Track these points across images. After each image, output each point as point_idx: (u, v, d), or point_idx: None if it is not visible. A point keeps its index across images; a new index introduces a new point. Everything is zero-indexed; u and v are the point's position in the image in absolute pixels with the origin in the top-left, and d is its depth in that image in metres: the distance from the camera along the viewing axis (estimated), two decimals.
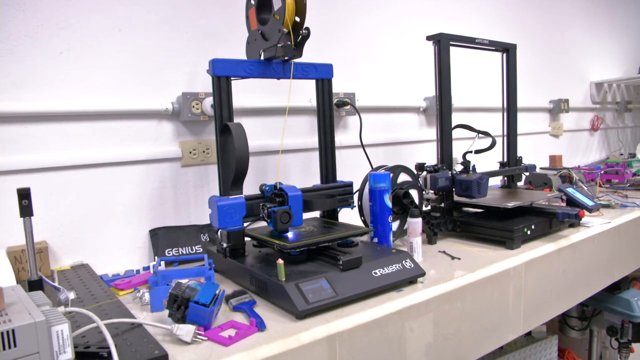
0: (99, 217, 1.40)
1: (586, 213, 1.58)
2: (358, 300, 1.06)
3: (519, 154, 1.90)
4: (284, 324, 0.97)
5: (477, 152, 1.63)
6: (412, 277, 1.16)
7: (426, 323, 1.11)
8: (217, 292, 0.97)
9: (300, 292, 1.00)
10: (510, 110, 1.87)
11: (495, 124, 2.00)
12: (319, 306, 0.99)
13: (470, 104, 2.40)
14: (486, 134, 1.68)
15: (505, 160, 1.88)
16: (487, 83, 2.40)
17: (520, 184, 2.04)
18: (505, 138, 1.89)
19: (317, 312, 1.00)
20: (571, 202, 1.66)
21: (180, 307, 0.93)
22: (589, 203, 1.64)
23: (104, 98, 1.39)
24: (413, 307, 1.08)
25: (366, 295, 1.07)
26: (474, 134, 1.68)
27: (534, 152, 2.83)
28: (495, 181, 1.95)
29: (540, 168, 2.47)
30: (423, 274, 1.18)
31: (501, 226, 1.47)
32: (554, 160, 2.73)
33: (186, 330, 0.90)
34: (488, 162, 1.89)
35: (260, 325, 0.95)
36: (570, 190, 1.70)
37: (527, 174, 2.03)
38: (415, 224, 1.34)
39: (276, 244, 1.18)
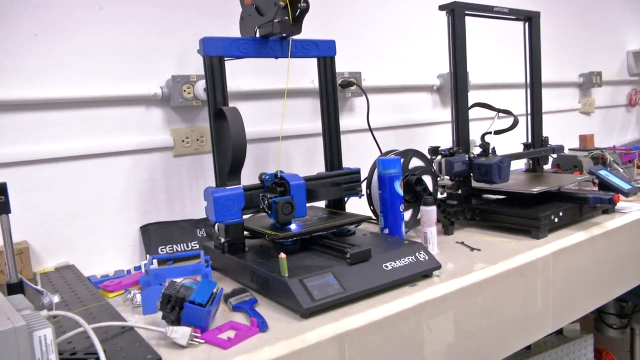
0: (85, 214, 1.42)
1: (622, 197, 1.57)
2: (368, 297, 1.07)
3: (544, 134, 1.89)
4: (288, 323, 0.98)
5: (497, 132, 1.62)
6: (426, 271, 1.17)
7: (444, 320, 1.12)
8: (215, 290, 0.99)
9: (305, 289, 1.01)
10: (534, 86, 1.86)
11: (517, 101, 1.99)
12: (326, 303, 1.00)
13: (489, 80, 2.39)
14: (507, 112, 1.67)
15: (529, 141, 1.87)
16: (508, 57, 2.38)
17: (547, 167, 2.04)
18: (529, 117, 1.88)
19: (324, 310, 1.01)
20: (604, 185, 1.65)
21: (175, 308, 0.95)
22: (625, 186, 1.63)
23: (85, 83, 1.40)
24: (429, 303, 1.09)
25: (377, 290, 1.08)
26: (493, 113, 1.67)
27: (562, 131, 2.81)
28: (518, 165, 1.95)
29: (569, 149, 2.46)
30: (439, 266, 1.19)
31: (526, 213, 1.47)
32: (585, 140, 2.72)
33: (181, 333, 0.92)
34: (510, 143, 1.88)
35: (262, 326, 0.96)
36: (603, 172, 1.69)
37: (554, 156, 2.02)
38: (430, 212, 1.34)
39: (267, 234, 1.21)
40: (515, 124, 1.64)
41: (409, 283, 1.14)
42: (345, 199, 1.51)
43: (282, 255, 1.05)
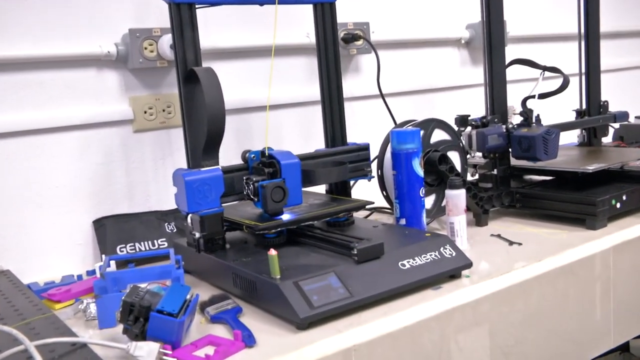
0: (21, 207, 1.42)
1: None
2: (381, 302, 1.08)
3: (603, 98, 1.89)
4: (281, 336, 0.99)
5: (543, 96, 1.63)
6: (454, 270, 1.18)
7: (476, 332, 1.13)
8: (188, 297, 1.00)
9: (302, 294, 1.02)
10: (590, 36, 1.85)
11: (568, 57, 1.99)
12: (328, 311, 1.01)
13: (531, 31, 2.39)
14: (555, 71, 1.67)
15: (583, 107, 1.88)
16: (556, 0, 2.38)
17: (607, 139, 2.04)
18: (582, 76, 1.88)
19: (326, 320, 1.02)
20: None
21: (139, 320, 0.96)
22: None
23: (18, 40, 1.40)
24: (457, 309, 1.10)
25: (392, 295, 1.09)
26: (537, 72, 1.67)
27: (627, 95, 2.80)
28: (569, 137, 1.95)
29: (636, 117, 2.46)
30: (470, 264, 1.20)
31: (579, 198, 1.48)
32: None
33: (147, 350, 0.92)
34: (559, 110, 1.89)
35: (249, 340, 0.97)
36: None
37: (616, 125, 2.02)
38: (457, 198, 1.35)
39: (245, 224, 1.22)
40: (565, 86, 1.64)
41: (431, 285, 1.15)
42: (351, 182, 1.52)
43: (273, 251, 1.06)
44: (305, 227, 1.29)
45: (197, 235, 1.24)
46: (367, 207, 1.42)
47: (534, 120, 1.59)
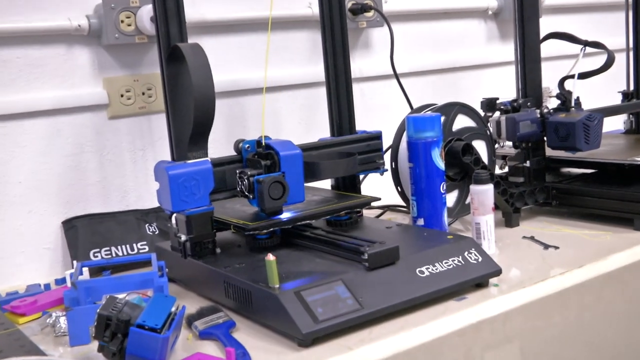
0: None
1: None
2: (396, 315, 1.08)
3: None
4: (280, 354, 1.00)
5: (583, 76, 1.62)
6: (480, 278, 1.18)
7: (506, 348, 1.13)
8: (173, 309, 1.00)
9: (304, 305, 1.02)
10: None
11: (613, 30, 1.99)
12: (335, 325, 1.01)
13: None
14: (598, 46, 1.67)
15: (631, 88, 1.87)
16: None
17: None
18: (630, 52, 1.87)
19: (332, 335, 1.02)
20: None
21: (116, 335, 0.96)
22: None
23: None
24: (484, 323, 1.10)
25: (408, 306, 1.09)
26: (577, 48, 1.67)
27: None
28: (615, 123, 1.95)
29: None
30: (499, 272, 1.20)
31: (626, 194, 1.48)
32: None
33: None
34: (602, 92, 1.89)
35: (243, 359, 0.98)
36: None
37: None
38: (483, 194, 1.35)
39: (233, 223, 1.23)
40: (609, 63, 1.63)
41: (454, 296, 1.15)
42: (361, 176, 1.53)
43: (271, 257, 1.06)
44: (303, 227, 1.29)
45: (183, 237, 1.24)
46: (377, 204, 1.43)
47: (573, 103, 1.59)
